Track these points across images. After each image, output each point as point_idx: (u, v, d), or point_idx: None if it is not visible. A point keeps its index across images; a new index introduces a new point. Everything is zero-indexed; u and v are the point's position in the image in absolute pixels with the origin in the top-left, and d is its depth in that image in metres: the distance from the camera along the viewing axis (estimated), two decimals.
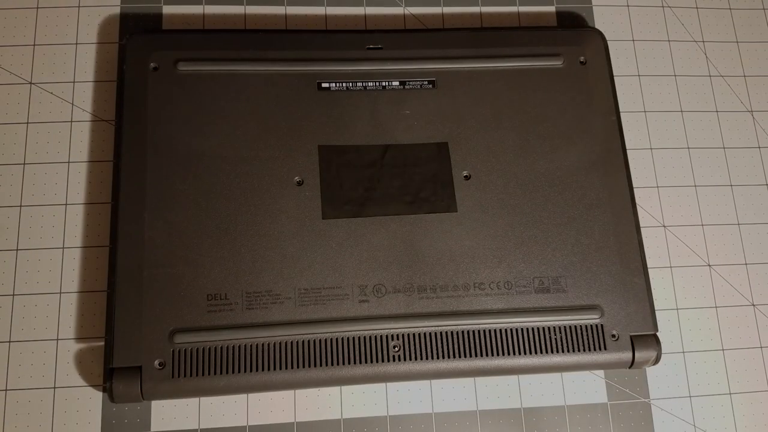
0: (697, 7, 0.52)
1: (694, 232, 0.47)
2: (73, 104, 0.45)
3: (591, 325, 0.40)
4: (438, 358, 0.39)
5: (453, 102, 0.44)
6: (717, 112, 0.50)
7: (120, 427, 0.40)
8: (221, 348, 0.38)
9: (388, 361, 0.39)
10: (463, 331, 0.40)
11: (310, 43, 0.45)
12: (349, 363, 0.38)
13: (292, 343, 0.38)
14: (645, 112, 0.49)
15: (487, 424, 0.42)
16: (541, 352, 0.40)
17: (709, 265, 0.47)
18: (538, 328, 0.40)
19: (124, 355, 0.37)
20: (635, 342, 0.40)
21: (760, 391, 0.44)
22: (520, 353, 0.40)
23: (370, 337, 0.39)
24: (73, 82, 0.45)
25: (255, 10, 0.48)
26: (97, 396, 0.40)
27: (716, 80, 0.51)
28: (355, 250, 0.41)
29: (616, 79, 0.48)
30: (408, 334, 0.39)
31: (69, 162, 0.44)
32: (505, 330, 0.40)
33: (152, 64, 0.43)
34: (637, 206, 0.44)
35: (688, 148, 0.49)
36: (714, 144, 0.49)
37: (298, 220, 0.41)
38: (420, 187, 0.42)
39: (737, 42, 0.52)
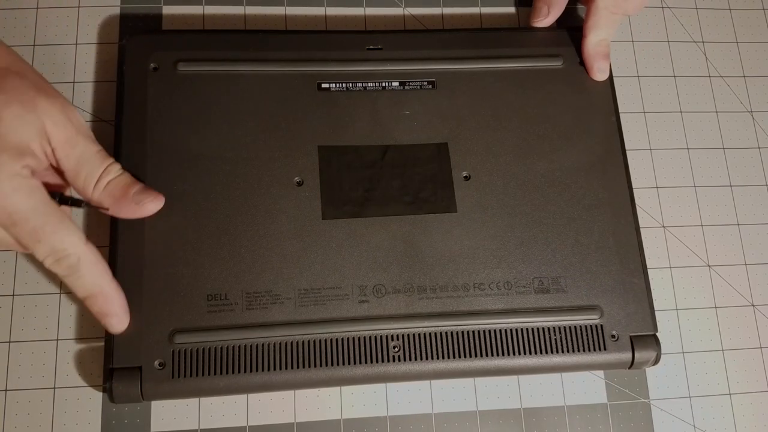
0: (696, 8, 0.52)
1: (694, 233, 0.47)
2: (73, 104, 0.45)
3: (591, 326, 0.40)
4: (438, 358, 0.39)
5: (453, 102, 0.44)
6: (717, 112, 0.50)
7: (120, 428, 0.40)
8: (221, 348, 0.38)
9: (388, 361, 0.39)
10: (463, 332, 0.40)
11: (310, 43, 0.45)
12: (349, 363, 0.38)
13: (292, 343, 0.38)
14: (644, 112, 0.49)
15: (487, 424, 0.42)
16: (541, 353, 0.40)
17: (709, 266, 0.47)
18: (537, 329, 0.40)
19: (124, 355, 0.37)
20: (635, 342, 0.40)
21: (760, 391, 0.44)
22: (519, 353, 0.40)
23: (370, 338, 0.39)
24: (73, 82, 0.45)
25: (255, 10, 0.48)
26: (97, 396, 0.40)
27: (716, 81, 0.51)
28: (355, 250, 0.41)
29: (615, 79, 0.48)
30: (408, 335, 0.39)
31: None
32: (505, 330, 0.40)
33: (152, 65, 0.43)
34: (637, 207, 0.44)
35: (688, 148, 0.49)
36: (714, 144, 0.49)
37: (298, 221, 0.41)
38: (420, 188, 0.42)
39: (737, 42, 0.52)
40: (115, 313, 0.37)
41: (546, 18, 0.47)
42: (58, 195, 0.37)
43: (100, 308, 0.37)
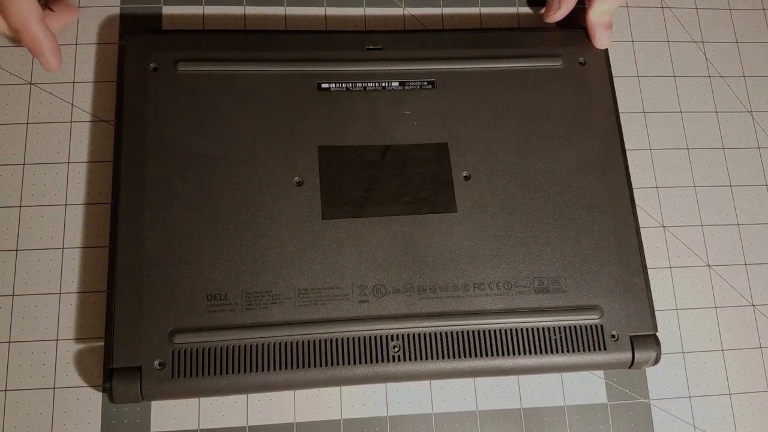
0: (696, 8, 0.52)
1: (694, 233, 0.47)
2: (73, 104, 0.45)
3: (591, 326, 0.41)
4: (438, 358, 0.39)
5: (452, 102, 0.44)
6: (716, 112, 0.50)
7: (120, 428, 0.40)
8: (221, 348, 0.38)
9: (388, 361, 0.39)
10: (462, 332, 0.40)
11: (309, 43, 0.45)
12: (349, 363, 0.38)
13: (292, 343, 0.38)
14: (644, 112, 0.49)
15: (487, 424, 0.42)
16: (541, 353, 0.40)
17: (709, 266, 0.47)
18: (537, 329, 0.40)
19: (124, 355, 0.37)
20: (635, 342, 0.40)
21: (760, 391, 0.44)
22: (519, 353, 0.40)
23: (370, 338, 0.39)
24: (73, 82, 0.45)
25: (255, 10, 0.48)
26: (97, 396, 0.40)
27: (716, 81, 0.51)
28: (355, 250, 0.41)
29: (615, 79, 0.48)
30: (408, 335, 0.39)
31: (69, 162, 0.44)
32: (505, 330, 0.40)
33: (152, 65, 0.43)
34: (637, 207, 0.44)
35: (688, 148, 0.49)
36: (713, 144, 0.49)
37: (298, 221, 0.41)
38: (420, 188, 0.42)
39: (737, 42, 0.52)
40: (42, 53, 0.43)
41: (558, 12, 0.47)
42: None
43: (29, 45, 0.42)
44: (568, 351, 0.40)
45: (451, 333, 0.40)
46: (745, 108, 0.50)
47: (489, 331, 0.40)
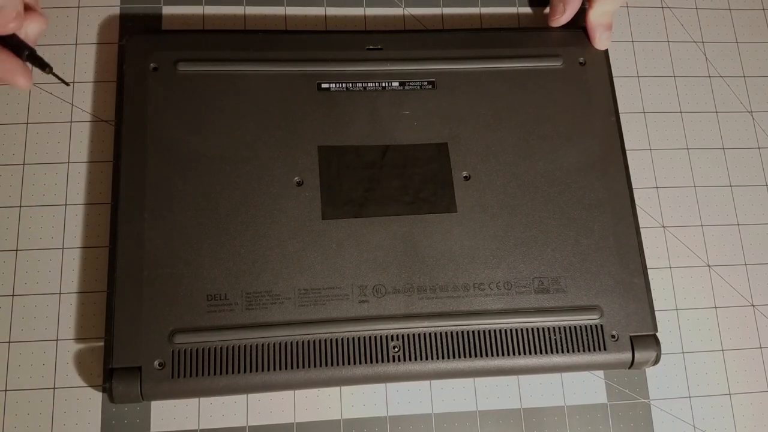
0: (696, 8, 0.52)
1: (694, 233, 0.47)
2: (72, 104, 0.45)
3: (591, 326, 0.40)
4: (438, 358, 0.39)
5: (453, 103, 0.44)
6: (716, 112, 0.50)
7: (120, 428, 0.40)
8: (221, 348, 0.38)
9: (388, 361, 0.39)
10: (462, 332, 0.40)
11: (309, 43, 0.45)
12: (349, 363, 0.38)
13: (292, 343, 0.38)
14: (644, 112, 0.49)
15: (486, 424, 0.42)
16: (541, 353, 0.40)
17: (709, 266, 0.47)
18: (537, 329, 0.40)
19: (124, 355, 0.37)
20: (635, 342, 0.40)
21: (760, 391, 0.44)
22: (519, 354, 0.40)
23: (369, 338, 0.39)
24: (73, 82, 0.45)
25: (255, 10, 0.48)
26: (96, 396, 0.40)
27: (716, 81, 0.51)
28: (355, 250, 0.41)
29: (615, 79, 0.48)
30: (408, 335, 0.39)
31: (69, 162, 0.44)
32: (505, 330, 0.40)
33: (152, 65, 0.43)
34: (637, 207, 0.44)
35: (688, 148, 0.49)
36: (713, 144, 0.49)
37: (298, 221, 0.41)
38: (420, 188, 0.42)
39: (737, 42, 0.52)
40: (3, 77, 0.38)
41: (563, 15, 0.47)
42: (28, 50, 0.39)
43: None
44: (568, 351, 0.40)
45: (451, 333, 0.40)
46: (745, 108, 0.50)
47: (489, 331, 0.40)
